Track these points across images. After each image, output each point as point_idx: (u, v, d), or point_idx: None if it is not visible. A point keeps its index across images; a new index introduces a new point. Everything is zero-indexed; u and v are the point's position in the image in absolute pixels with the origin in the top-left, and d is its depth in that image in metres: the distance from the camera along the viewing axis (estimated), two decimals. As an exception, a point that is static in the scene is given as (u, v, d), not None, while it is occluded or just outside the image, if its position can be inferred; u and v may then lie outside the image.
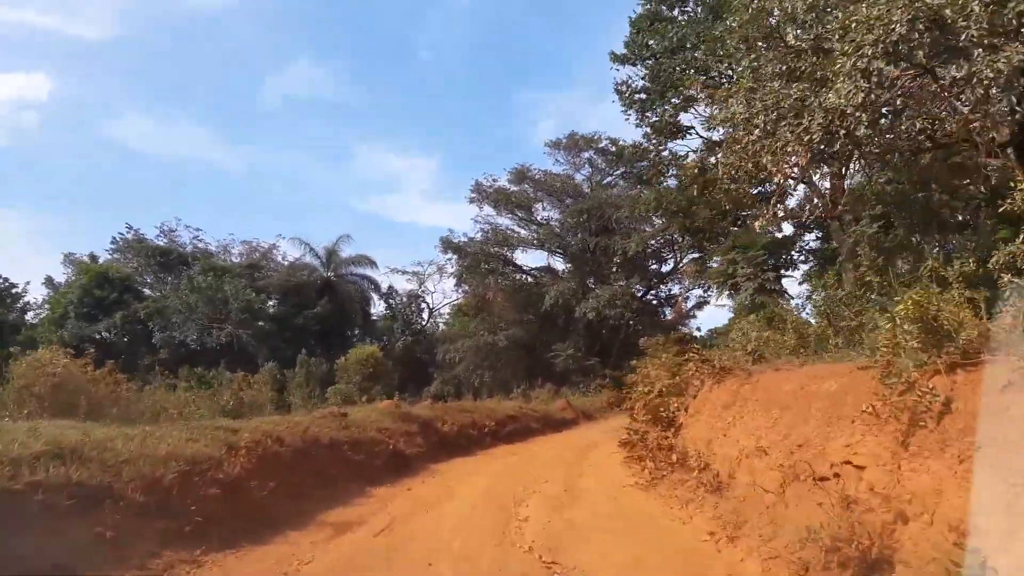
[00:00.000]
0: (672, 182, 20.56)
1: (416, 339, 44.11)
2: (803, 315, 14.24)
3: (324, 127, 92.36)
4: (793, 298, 19.36)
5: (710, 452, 8.01)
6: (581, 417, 24.73)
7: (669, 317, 42.09)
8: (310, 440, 9.55)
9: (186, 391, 15.68)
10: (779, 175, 9.41)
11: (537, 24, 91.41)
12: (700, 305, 41.15)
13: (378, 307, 47.38)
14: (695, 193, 17.26)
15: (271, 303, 41.15)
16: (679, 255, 37.21)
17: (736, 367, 8.72)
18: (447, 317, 46.91)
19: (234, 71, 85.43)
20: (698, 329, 43.02)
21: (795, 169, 10.10)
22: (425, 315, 47.47)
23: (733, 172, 10.09)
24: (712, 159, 13.78)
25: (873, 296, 8.87)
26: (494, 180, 38.88)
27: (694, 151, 19.61)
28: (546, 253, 40.49)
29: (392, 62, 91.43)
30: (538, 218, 39.70)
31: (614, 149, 36.07)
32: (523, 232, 39.71)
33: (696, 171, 13.38)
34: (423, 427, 13.81)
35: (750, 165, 9.80)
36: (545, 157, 44.95)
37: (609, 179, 38.75)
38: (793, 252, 21.92)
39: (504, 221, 39.83)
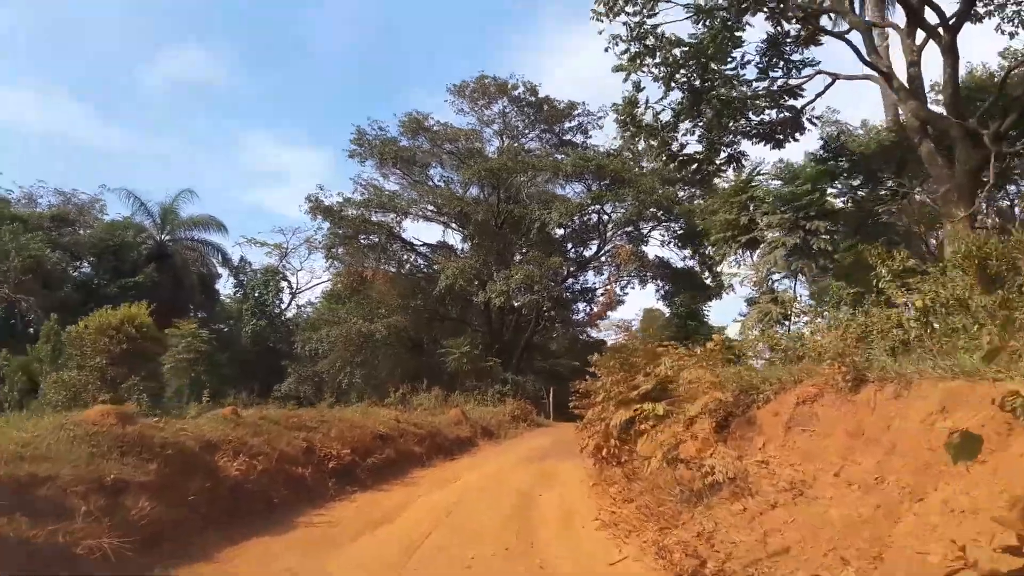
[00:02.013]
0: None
1: (271, 324, 35.31)
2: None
3: (208, 114, 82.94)
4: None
5: None
6: (480, 434, 17.94)
7: (583, 315, 36.53)
8: None
9: None
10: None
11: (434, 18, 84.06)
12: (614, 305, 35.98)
13: (227, 284, 38.06)
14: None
15: (84, 268, 32.03)
16: (606, 235, 31.03)
17: None
18: (317, 303, 38.28)
19: (115, 51, 74.34)
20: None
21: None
22: (286, 297, 38.65)
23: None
24: None
25: None
26: (381, 129, 30.68)
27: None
28: (442, 227, 32.99)
29: (284, 50, 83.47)
30: (435, 181, 32.31)
31: (533, 100, 29.45)
32: (415, 196, 31.83)
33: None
34: (185, 469, 6.29)
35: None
36: (447, 107, 37.36)
37: (525, 139, 31.76)
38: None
39: (392, 186, 32.02)
